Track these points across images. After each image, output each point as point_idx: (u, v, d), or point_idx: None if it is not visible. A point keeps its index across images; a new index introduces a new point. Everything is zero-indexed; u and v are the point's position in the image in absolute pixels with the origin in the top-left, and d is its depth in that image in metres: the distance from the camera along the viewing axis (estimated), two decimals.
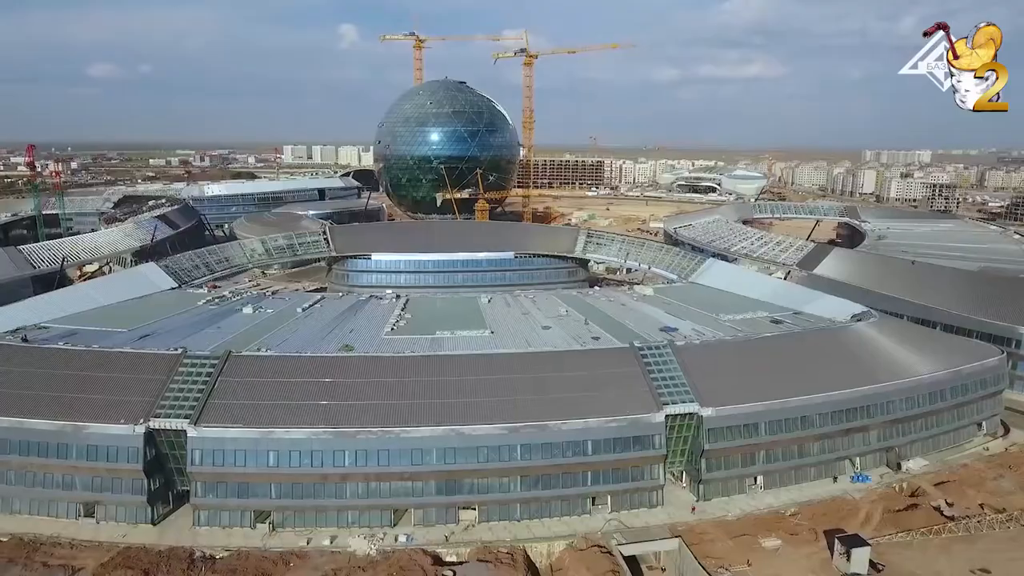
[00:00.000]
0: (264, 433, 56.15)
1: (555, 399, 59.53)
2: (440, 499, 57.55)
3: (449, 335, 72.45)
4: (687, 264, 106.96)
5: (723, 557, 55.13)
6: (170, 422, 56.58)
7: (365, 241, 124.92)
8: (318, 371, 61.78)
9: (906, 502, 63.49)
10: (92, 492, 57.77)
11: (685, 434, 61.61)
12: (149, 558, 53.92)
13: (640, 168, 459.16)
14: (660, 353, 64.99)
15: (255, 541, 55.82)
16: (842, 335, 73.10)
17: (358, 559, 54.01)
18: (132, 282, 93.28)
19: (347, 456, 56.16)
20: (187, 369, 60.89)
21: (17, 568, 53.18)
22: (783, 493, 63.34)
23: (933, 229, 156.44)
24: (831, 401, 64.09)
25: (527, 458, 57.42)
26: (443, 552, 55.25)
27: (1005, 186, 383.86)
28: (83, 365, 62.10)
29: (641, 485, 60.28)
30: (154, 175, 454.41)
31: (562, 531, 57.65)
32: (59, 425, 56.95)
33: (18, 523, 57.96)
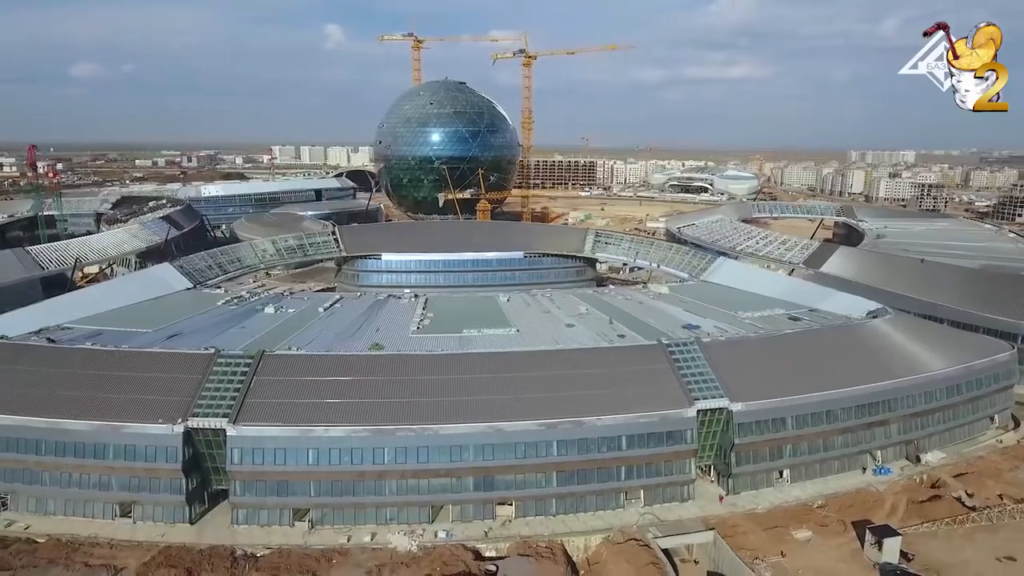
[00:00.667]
0: (304, 431, 56.49)
1: (589, 395, 60.41)
2: (478, 495, 58.20)
3: (476, 333, 73.09)
4: (698, 263, 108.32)
5: (757, 548, 56.30)
6: (208, 421, 56.73)
7: (375, 241, 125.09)
8: (353, 369, 62.20)
9: (928, 493, 65.15)
10: (129, 492, 57.73)
11: (715, 429, 62.74)
12: (191, 557, 54.07)
13: (631, 168, 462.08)
14: (688, 349, 66.13)
15: (295, 539, 56.11)
16: (860, 331, 74.65)
17: (400, 555, 54.56)
18: (147, 283, 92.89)
19: (386, 453, 56.62)
20: (221, 368, 61.04)
21: (58, 568, 53.13)
22: (809, 486, 64.66)
23: (929, 228, 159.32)
24: (854, 396, 65.53)
25: (563, 454, 58.27)
26: (482, 547, 55.94)
27: (989, 186, 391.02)
28: (118, 365, 62.03)
29: (673, 479, 61.35)
30: (142, 176, 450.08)
31: (597, 525, 58.55)
32: (96, 425, 56.92)
33: (53, 524, 57.80)
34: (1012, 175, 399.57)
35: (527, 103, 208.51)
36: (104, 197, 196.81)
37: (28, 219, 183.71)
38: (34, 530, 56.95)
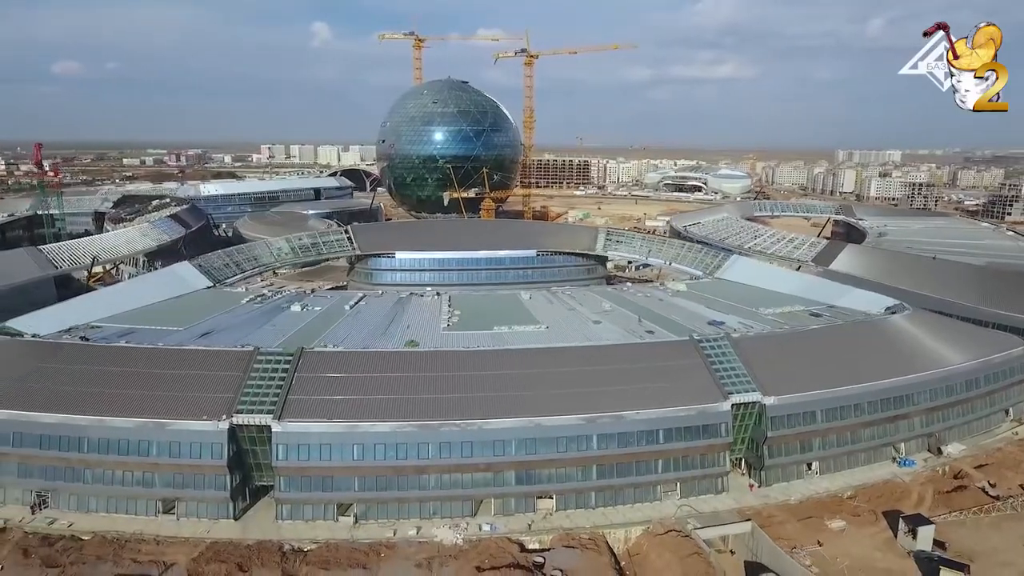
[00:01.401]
0: (349, 427, 57.07)
1: (627, 390, 61.48)
2: (519, 488, 59.04)
3: (507, 330, 73.95)
4: (711, 260, 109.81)
5: (793, 538, 57.62)
6: (253, 418, 57.18)
7: (389, 240, 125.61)
8: (394, 365, 62.95)
9: (953, 484, 66.87)
10: (173, 489, 57.98)
11: (747, 422, 64.06)
12: (239, 552, 54.47)
13: (623, 168, 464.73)
14: (718, 345, 67.44)
15: (340, 533, 56.63)
16: (882, 327, 76.38)
17: (446, 548, 55.28)
18: (168, 281, 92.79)
19: (431, 448, 57.37)
20: (262, 366, 61.48)
21: (107, 565, 53.31)
22: (838, 478, 66.10)
23: (928, 226, 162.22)
24: (880, 390, 67.15)
25: (603, 447, 59.31)
26: (526, 540, 56.83)
27: (976, 185, 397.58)
28: (160, 363, 62.32)
29: (708, 472, 62.56)
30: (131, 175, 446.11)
31: (636, 517, 59.58)
32: (140, 422, 57.19)
33: (94, 521, 57.86)
34: (998, 174, 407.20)
35: (528, 102, 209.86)
36: (104, 196, 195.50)
37: (27, 218, 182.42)
38: (77, 528, 57.00)
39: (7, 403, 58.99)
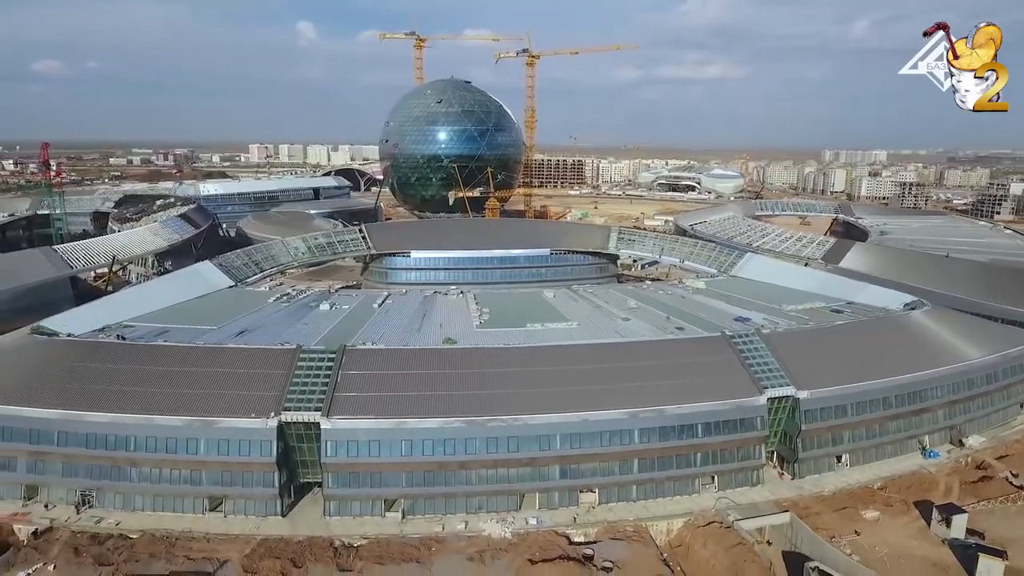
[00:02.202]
0: (397, 424, 57.71)
1: (666, 385, 62.71)
2: (563, 482, 60.05)
3: (540, 327, 74.89)
4: (724, 259, 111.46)
5: (831, 528, 59.15)
6: (301, 415, 57.65)
7: (403, 239, 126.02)
8: (437, 362, 63.66)
9: (977, 474, 68.84)
10: (220, 487, 58.32)
11: (781, 416, 65.52)
12: (291, 548, 54.97)
13: (616, 168, 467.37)
14: (750, 340, 68.87)
15: (389, 529, 57.23)
16: (904, 322, 78.28)
17: (495, 542, 56.13)
18: (192, 281, 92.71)
19: (477, 444, 58.15)
20: (306, 363, 61.92)
21: (160, 563, 53.62)
22: (867, 470, 67.72)
23: (927, 225, 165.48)
24: (906, 383, 68.93)
25: (645, 441, 60.46)
26: (571, 533, 57.83)
27: (963, 184, 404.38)
28: (204, 361, 62.64)
29: (745, 465, 63.95)
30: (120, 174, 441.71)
31: (676, 510, 60.79)
32: (188, 420, 57.43)
33: (140, 520, 58.04)
34: (984, 174, 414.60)
35: (530, 102, 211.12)
36: (104, 196, 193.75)
37: (27, 218, 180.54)
38: (124, 526, 57.17)
39: (52, 402, 58.96)
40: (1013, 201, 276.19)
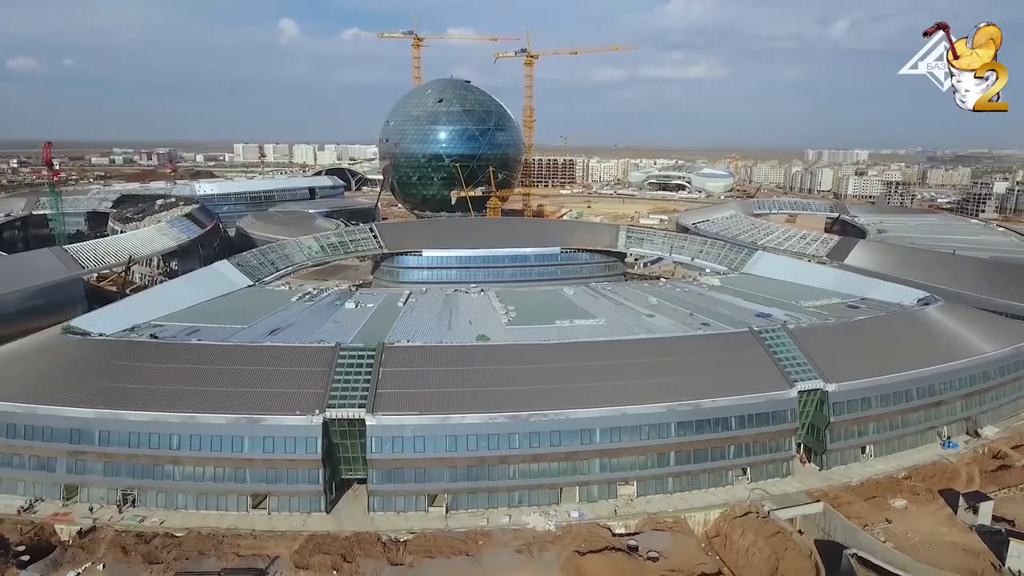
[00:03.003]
0: (441, 419, 58.41)
1: (700, 379, 64.03)
2: (603, 475, 61.16)
3: (568, 324, 75.84)
4: (734, 257, 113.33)
5: (862, 516, 60.88)
6: (346, 412, 58.15)
7: (414, 238, 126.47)
8: (476, 359, 64.46)
9: (996, 463, 71.08)
10: (265, 484, 58.64)
11: (809, 408, 67.22)
12: (339, 543, 55.41)
13: (604, 167, 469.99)
14: (776, 335, 70.52)
15: (434, 523, 57.91)
16: (919, 317, 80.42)
17: (540, 535, 57.08)
18: (212, 280, 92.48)
19: (519, 438, 59.04)
20: (346, 361, 62.42)
21: (211, 559, 53.87)
22: (890, 460, 69.66)
23: (922, 223, 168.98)
24: (926, 376, 70.96)
25: (682, 434, 61.77)
26: (613, 524, 58.94)
27: (945, 183, 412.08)
28: (245, 359, 62.91)
29: (776, 456, 65.53)
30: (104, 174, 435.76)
31: (712, 501, 62.14)
32: (233, 418, 57.70)
33: (183, 518, 58.22)
34: (965, 173, 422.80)
35: (528, 102, 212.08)
36: (101, 196, 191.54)
37: (22, 218, 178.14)
38: (168, 525, 57.34)
39: (92, 402, 58.95)
40: (996, 200, 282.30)
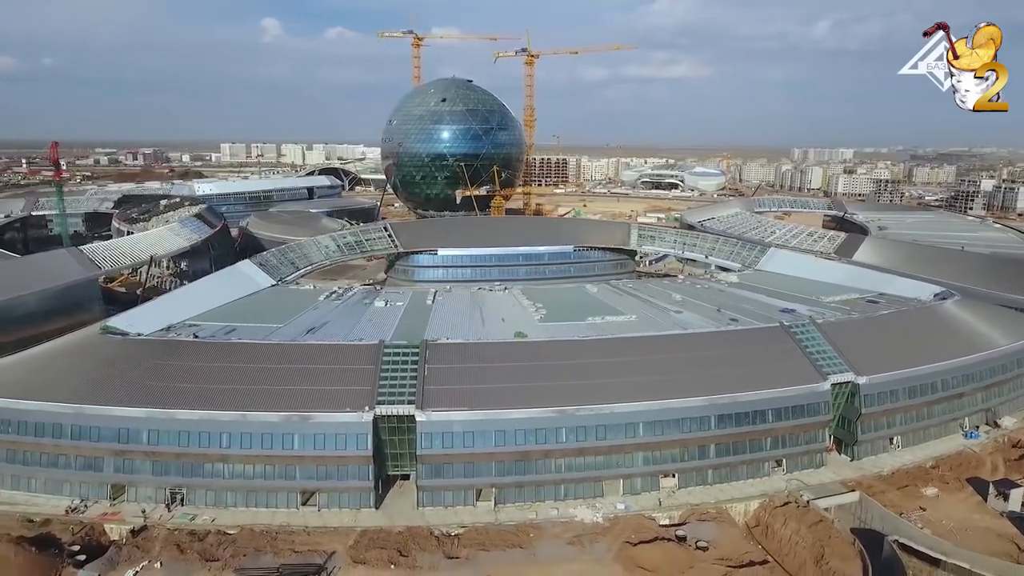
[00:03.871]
0: (489, 415, 59.27)
1: (737, 373, 65.50)
2: (646, 468, 62.40)
3: (601, 320, 76.95)
4: (747, 254, 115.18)
5: (896, 505, 62.65)
6: (395, 408, 58.83)
7: (428, 237, 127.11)
8: (519, 355, 65.49)
9: (1017, 453, 73.31)
10: (315, 480, 59.17)
11: (841, 400, 68.92)
12: (393, 538, 56.10)
13: (596, 166, 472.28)
14: (806, 330, 72.18)
15: (484, 517, 58.75)
16: (939, 311, 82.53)
17: (589, 526, 58.19)
18: (237, 280, 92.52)
19: (565, 432, 60.07)
20: (391, 358, 63.07)
21: (268, 555, 54.34)
22: (917, 450, 71.57)
23: (920, 220, 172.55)
24: (950, 368, 72.98)
25: (722, 427, 63.18)
26: (657, 516, 60.20)
27: (931, 181, 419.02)
28: (292, 358, 63.45)
29: (810, 448, 67.17)
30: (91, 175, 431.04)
31: (751, 492, 63.54)
32: (283, 416, 58.17)
33: (232, 516, 58.54)
34: (950, 171, 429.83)
35: (529, 101, 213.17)
36: (101, 197, 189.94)
37: (21, 219, 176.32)
38: (219, 522, 57.67)
39: (138, 401, 59.14)
40: (984, 197, 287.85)
